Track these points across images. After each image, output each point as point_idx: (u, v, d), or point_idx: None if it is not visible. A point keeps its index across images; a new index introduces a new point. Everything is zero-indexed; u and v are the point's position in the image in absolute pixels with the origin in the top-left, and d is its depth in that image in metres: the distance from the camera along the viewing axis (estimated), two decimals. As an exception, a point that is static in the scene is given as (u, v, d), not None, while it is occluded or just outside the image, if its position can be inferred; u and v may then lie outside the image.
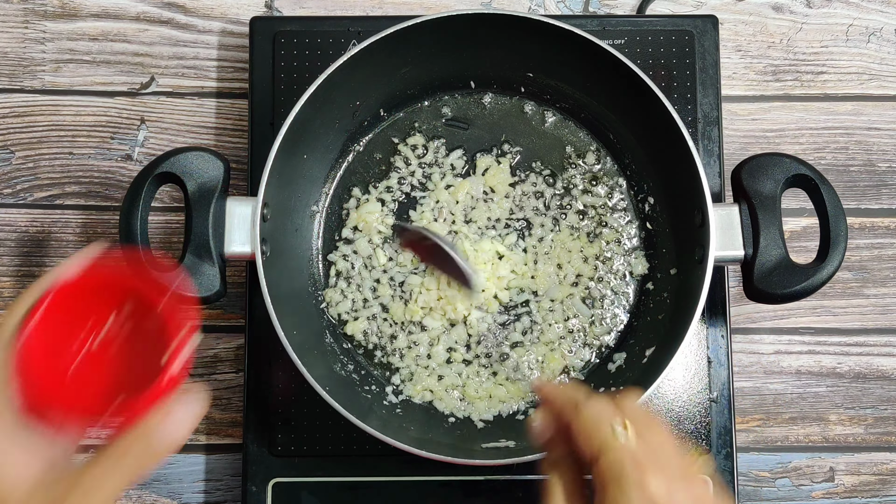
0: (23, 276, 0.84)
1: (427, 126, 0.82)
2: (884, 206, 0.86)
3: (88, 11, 0.89)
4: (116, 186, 0.86)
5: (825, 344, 0.84)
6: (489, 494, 0.77)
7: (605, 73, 0.74)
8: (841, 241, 0.70)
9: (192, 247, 0.69)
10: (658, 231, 0.79)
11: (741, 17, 0.89)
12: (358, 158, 0.82)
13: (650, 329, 0.77)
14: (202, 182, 0.70)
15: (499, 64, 0.80)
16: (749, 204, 0.71)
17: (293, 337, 0.69)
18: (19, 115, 0.87)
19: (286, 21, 0.84)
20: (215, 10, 0.89)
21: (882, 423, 0.83)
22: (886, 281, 0.85)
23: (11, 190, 0.86)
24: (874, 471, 0.82)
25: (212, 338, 0.84)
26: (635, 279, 0.80)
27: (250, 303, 0.79)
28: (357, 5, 0.90)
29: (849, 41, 0.89)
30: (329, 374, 0.73)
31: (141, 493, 0.81)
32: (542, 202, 0.81)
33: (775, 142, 0.87)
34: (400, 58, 0.76)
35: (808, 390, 0.83)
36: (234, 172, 0.73)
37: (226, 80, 0.88)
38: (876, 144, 0.87)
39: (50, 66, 0.88)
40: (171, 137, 0.87)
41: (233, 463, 0.82)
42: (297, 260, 0.79)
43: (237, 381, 0.83)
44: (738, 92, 0.88)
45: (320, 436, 0.77)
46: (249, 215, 0.70)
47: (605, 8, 0.90)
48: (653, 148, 0.77)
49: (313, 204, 0.81)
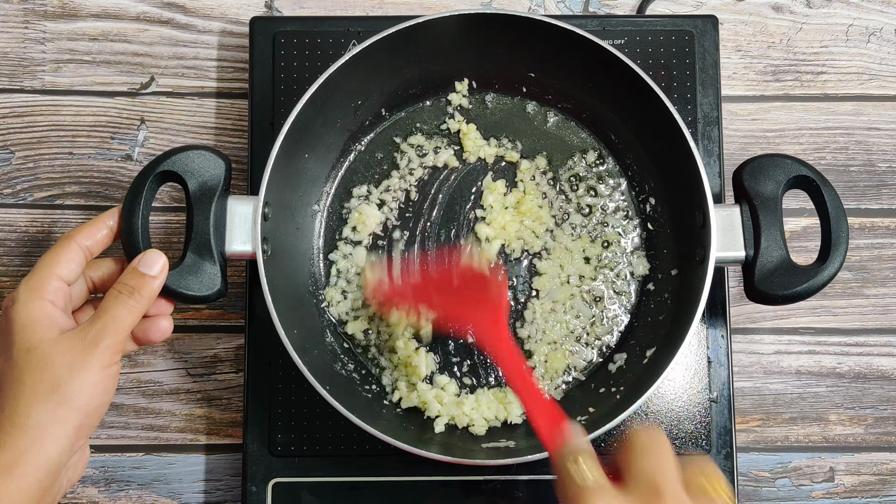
0: (23, 276, 0.84)
1: (429, 126, 0.82)
2: (884, 206, 0.86)
3: (88, 11, 0.89)
4: (116, 186, 0.86)
5: (825, 344, 0.84)
6: (489, 494, 0.77)
7: (606, 73, 0.74)
8: (842, 242, 0.70)
9: (193, 245, 0.69)
10: (659, 231, 0.79)
11: (741, 17, 0.89)
12: (359, 158, 0.82)
13: (651, 329, 0.77)
14: (203, 181, 0.70)
15: (500, 64, 0.80)
16: (750, 205, 0.71)
17: (293, 336, 0.69)
18: (19, 115, 0.87)
19: (286, 21, 0.84)
20: (215, 10, 0.89)
21: (882, 423, 0.83)
22: (886, 281, 0.85)
23: (11, 190, 0.86)
24: (874, 471, 0.82)
25: (212, 338, 0.84)
26: (636, 279, 0.80)
27: (250, 302, 0.79)
28: (357, 5, 0.89)
29: (849, 41, 0.89)
30: (329, 374, 0.73)
31: (141, 493, 0.81)
32: (545, 202, 0.81)
33: (775, 142, 0.87)
34: (401, 58, 0.76)
35: (808, 390, 0.83)
36: (234, 172, 0.73)
37: (226, 80, 0.88)
38: (876, 144, 0.87)
39: (50, 66, 0.88)
40: (171, 137, 0.87)
41: (233, 463, 0.82)
42: (298, 259, 0.79)
43: (237, 381, 0.83)
44: (738, 92, 0.88)
45: (320, 436, 0.77)
46: (250, 214, 0.70)
47: (605, 8, 0.90)
48: (654, 148, 0.78)
49: (314, 203, 0.81)
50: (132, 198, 0.68)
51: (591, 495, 0.51)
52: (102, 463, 0.82)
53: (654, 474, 0.52)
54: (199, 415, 0.83)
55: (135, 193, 0.68)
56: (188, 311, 0.84)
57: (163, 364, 0.83)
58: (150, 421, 0.82)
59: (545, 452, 0.66)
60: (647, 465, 0.52)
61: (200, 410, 0.83)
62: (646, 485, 0.52)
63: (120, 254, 0.69)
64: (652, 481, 0.51)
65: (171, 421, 0.83)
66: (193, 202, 0.69)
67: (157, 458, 0.82)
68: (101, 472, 0.82)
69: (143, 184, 0.68)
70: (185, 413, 0.83)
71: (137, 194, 0.68)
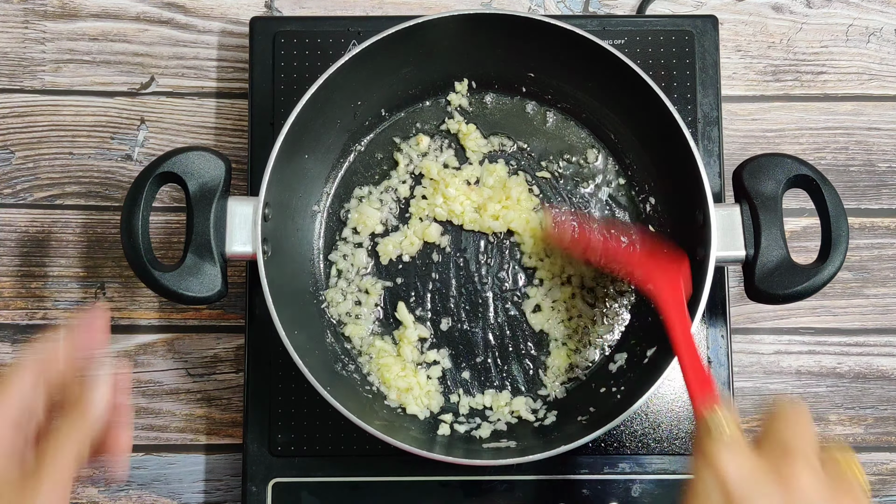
0: (23, 276, 0.84)
1: (428, 126, 0.82)
2: (884, 206, 0.86)
3: (88, 11, 0.89)
4: (116, 186, 0.86)
5: (825, 344, 0.84)
6: (489, 494, 0.77)
7: (606, 73, 0.74)
8: (842, 241, 0.70)
9: (193, 246, 0.69)
10: (659, 231, 0.79)
11: (741, 17, 0.89)
12: (359, 158, 0.82)
13: (651, 329, 0.77)
14: (203, 182, 0.70)
15: (500, 64, 0.80)
16: (750, 204, 0.71)
17: (294, 337, 0.69)
18: (19, 115, 0.87)
19: (286, 21, 0.84)
20: (215, 10, 0.89)
21: (882, 423, 0.83)
22: (886, 281, 0.85)
23: (11, 190, 0.86)
24: (874, 471, 0.82)
25: (212, 338, 0.84)
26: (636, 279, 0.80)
27: (250, 302, 0.79)
28: (357, 5, 0.89)
29: (849, 41, 0.89)
30: (329, 374, 0.73)
31: (141, 493, 0.81)
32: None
33: (775, 142, 0.87)
34: (400, 58, 0.76)
35: (808, 390, 0.83)
36: (234, 173, 0.73)
37: (226, 80, 0.88)
38: (876, 144, 0.87)
39: (50, 66, 0.88)
40: (171, 137, 0.87)
41: (233, 463, 0.82)
42: (298, 260, 0.79)
43: (237, 381, 0.83)
44: (738, 92, 0.88)
45: (320, 436, 0.77)
46: (251, 215, 0.70)
47: (605, 8, 0.90)
48: (653, 148, 0.78)
49: (314, 204, 0.81)
50: (132, 199, 0.68)
51: (725, 448, 0.52)
52: (102, 463, 0.82)
53: (789, 437, 0.52)
54: (199, 415, 0.83)
55: (135, 194, 0.68)
56: (188, 312, 0.84)
57: (163, 364, 0.83)
58: (150, 421, 0.82)
59: (545, 452, 0.67)
60: (784, 429, 0.53)
61: (200, 410, 0.83)
62: (780, 446, 0.52)
63: (120, 254, 0.69)
64: (786, 443, 0.52)
65: (171, 421, 0.83)
66: (194, 203, 0.69)
67: (157, 458, 0.82)
68: (101, 472, 0.82)
69: (144, 185, 0.68)
70: (185, 413, 0.83)
71: (137, 195, 0.68)
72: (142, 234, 0.68)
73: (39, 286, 0.84)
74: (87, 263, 0.84)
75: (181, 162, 0.70)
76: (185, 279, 0.68)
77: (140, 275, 0.68)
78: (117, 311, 0.84)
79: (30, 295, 0.84)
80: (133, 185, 0.69)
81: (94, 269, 0.84)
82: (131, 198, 0.68)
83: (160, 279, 0.68)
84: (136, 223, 0.67)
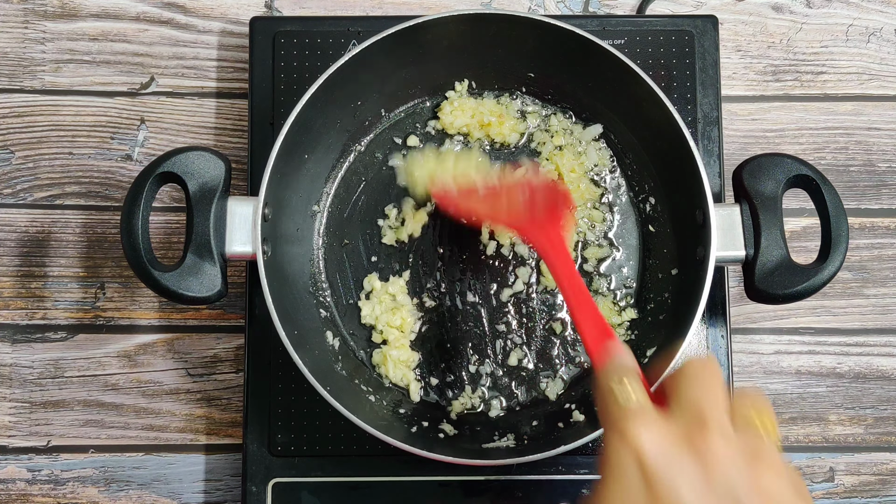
0: (23, 276, 0.84)
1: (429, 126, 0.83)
2: (884, 206, 0.86)
3: (88, 11, 0.89)
4: (116, 186, 0.86)
5: (825, 344, 0.84)
6: (489, 494, 0.77)
7: (606, 73, 0.74)
8: (842, 241, 0.70)
9: (193, 246, 0.69)
10: (659, 231, 0.79)
11: (741, 17, 0.89)
12: (359, 158, 0.82)
13: (651, 329, 0.77)
14: (203, 182, 0.70)
15: (499, 64, 0.80)
16: (750, 204, 0.71)
17: (293, 336, 0.69)
18: (19, 115, 0.87)
19: (286, 21, 0.84)
20: (215, 10, 0.89)
21: (882, 423, 0.83)
22: (886, 281, 0.85)
23: (11, 190, 0.86)
24: (874, 471, 0.82)
25: (212, 338, 0.84)
26: (636, 279, 0.80)
27: (250, 302, 0.79)
28: (357, 5, 0.90)
29: (849, 41, 0.89)
30: (329, 374, 0.73)
31: (141, 493, 0.81)
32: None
33: (775, 142, 0.87)
34: (400, 58, 0.76)
35: (808, 390, 0.83)
36: (234, 172, 0.73)
37: (226, 80, 0.88)
38: (876, 144, 0.87)
39: (50, 66, 0.88)
40: (171, 137, 0.87)
41: (233, 463, 0.82)
42: (298, 260, 0.79)
43: (237, 381, 0.83)
44: (738, 92, 0.88)
45: (320, 436, 0.77)
46: (251, 215, 0.70)
47: (605, 8, 0.90)
48: (653, 148, 0.78)
49: (314, 203, 0.81)
50: (132, 199, 0.68)
51: (633, 417, 0.48)
52: (102, 463, 0.82)
53: (701, 402, 0.49)
54: (199, 415, 0.83)
55: (135, 194, 0.68)
56: (188, 312, 0.84)
57: (163, 364, 0.83)
58: (150, 421, 0.83)
59: (545, 453, 0.67)
60: (694, 393, 0.49)
61: (200, 410, 0.83)
62: (691, 412, 0.48)
63: (120, 254, 0.69)
64: (697, 409, 0.48)
65: (171, 421, 0.83)
66: (193, 203, 0.69)
67: (157, 458, 0.82)
68: (101, 472, 0.82)
69: (143, 185, 0.68)
70: (185, 413, 0.83)
71: (137, 195, 0.68)
72: (142, 234, 0.68)
73: (39, 286, 0.84)
74: (87, 263, 0.84)
75: (181, 162, 0.70)
76: (185, 279, 0.68)
77: (140, 275, 0.68)
78: (117, 311, 0.84)
79: (30, 295, 0.84)
80: (133, 185, 0.69)
81: (94, 269, 0.84)
82: (131, 198, 0.68)
83: (160, 279, 0.68)
84: (135, 223, 0.67)
